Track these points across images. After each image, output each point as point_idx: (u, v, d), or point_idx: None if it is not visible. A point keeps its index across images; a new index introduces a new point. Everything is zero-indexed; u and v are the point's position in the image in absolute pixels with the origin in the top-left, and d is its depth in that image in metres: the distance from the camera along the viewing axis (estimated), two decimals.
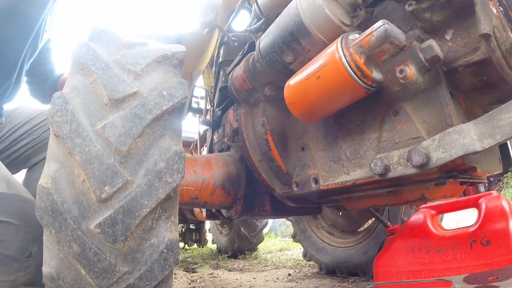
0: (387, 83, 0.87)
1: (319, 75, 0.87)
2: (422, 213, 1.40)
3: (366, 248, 2.11)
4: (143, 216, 0.75)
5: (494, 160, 1.00)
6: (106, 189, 0.74)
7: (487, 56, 0.77)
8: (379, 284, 1.35)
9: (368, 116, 0.98)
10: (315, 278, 2.34)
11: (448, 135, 0.73)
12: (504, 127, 0.66)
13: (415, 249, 1.32)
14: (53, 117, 0.80)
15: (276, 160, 1.29)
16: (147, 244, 0.76)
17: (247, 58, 1.31)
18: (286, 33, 1.00)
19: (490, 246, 1.15)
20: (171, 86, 0.89)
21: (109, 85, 0.83)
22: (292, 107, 1.00)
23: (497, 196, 1.26)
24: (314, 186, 1.12)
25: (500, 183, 5.91)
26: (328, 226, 2.50)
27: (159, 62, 0.94)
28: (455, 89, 0.87)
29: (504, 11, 0.72)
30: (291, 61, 1.05)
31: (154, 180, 0.77)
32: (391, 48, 0.81)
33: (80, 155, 0.76)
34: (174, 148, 0.83)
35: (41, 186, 0.75)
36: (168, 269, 0.77)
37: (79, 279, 0.73)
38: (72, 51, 0.91)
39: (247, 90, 1.32)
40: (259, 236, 4.14)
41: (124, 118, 0.80)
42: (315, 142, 1.16)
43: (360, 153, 0.99)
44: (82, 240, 0.72)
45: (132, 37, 1.00)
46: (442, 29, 0.85)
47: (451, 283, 0.91)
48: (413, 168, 0.78)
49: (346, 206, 1.27)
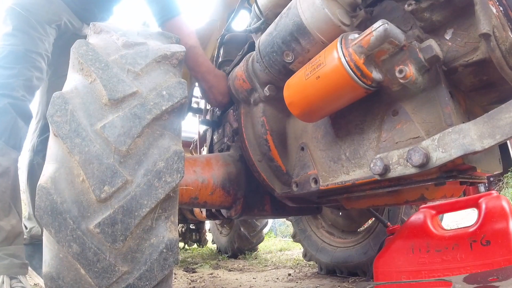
0: (387, 83, 0.87)
1: (319, 75, 0.87)
2: (422, 213, 1.40)
3: (366, 248, 2.10)
4: (143, 216, 0.75)
5: (494, 160, 1.00)
6: (105, 189, 0.74)
7: (486, 56, 0.77)
8: (379, 284, 1.35)
9: (368, 116, 0.98)
10: (315, 278, 2.33)
11: (448, 135, 0.73)
12: (504, 127, 0.66)
13: (415, 249, 1.32)
14: (53, 117, 0.80)
15: (276, 160, 1.29)
16: (146, 244, 0.76)
17: (246, 58, 1.31)
18: (286, 33, 1.00)
19: (490, 246, 1.14)
20: (170, 86, 0.89)
21: (109, 85, 0.83)
22: (291, 107, 1.00)
23: (497, 196, 1.26)
24: (314, 186, 1.12)
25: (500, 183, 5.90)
26: (328, 226, 2.50)
27: (159, 62, 0.94)
28: (454, 89, 0.87)
29: (504, 10, 0.72)
30: (290, 61, 1.05)
31: (153, 180, 0.77)
32: (390, 48, 0.81)
33: (80, 155, 0.76)
34: (173, 148, 0.83)
35: (41, 186, 0.75)
36: (167, 269, 0.77)
37: (79, 279, 0.73)
38: (72, 51, 0.91)
39: (247, 90, 1.32)
40: (259, 236, 4.14)
41: (123, 118, 0.80)
42: (315, 142, 1.16)
43: (360, 153, 0.99)
44: (82, 240, 0.72)
45: (132, 36, 1.00)
46: (441, 29, 0.85)
47: (451, 283, 0.91)
48: (412, 168, 0.78)
49: (346, 206, 1.27)
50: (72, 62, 0.92)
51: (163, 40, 1.07)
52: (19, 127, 1.50)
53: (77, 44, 0.92)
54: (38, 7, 1.54)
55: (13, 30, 1.49)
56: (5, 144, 1.45)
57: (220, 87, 1.49)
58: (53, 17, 1.61)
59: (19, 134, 1.52)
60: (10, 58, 1.47)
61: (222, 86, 1.49)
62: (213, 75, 1.50)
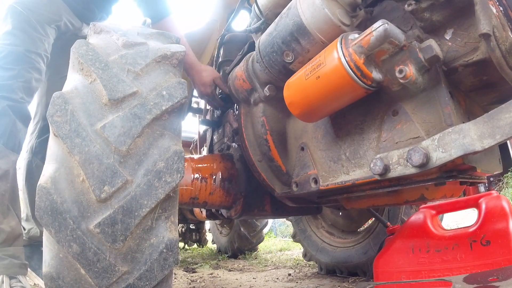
0: (387, 83, 0.87)
1: (319, 75, 0.87)
2: (422, 213, 1.40)
3: (366, 248, 2.10)
4: (143, 216, 0.75)
5: (494, 160, 1.00)
6: (105, 189, 0.74)
7: (486, 56, 0.77)
8: (379, 284, 1.35)
9: (368, 116, 0.98)
10: (315, 278, 2.33)
11: (448, 135, 0.73)
12: (504, 127, 0.66)
13: (415, 249, 1.32)
14: (53, 117, 0.80)
15: (276, 160, 1.29)
16: (146, 244, 0.76)
17: (246, 58, 1.31)
18: (286, 33, 1.00)
19: (490, 246, 1.14)
20: (170, 86, 0.89)
21: (109, 85, 0.83)
22: (291, 107, 1.00)
23: (497, 196, 1.26)
24: (314, 186, 1.12)
25: (500, 183, 5.90)
26: (328, 226, 2.50)
27: (159, 62, 0.94)
28: (454, 89, 0.87)
29: (504, 10, 0.72)
30: (290, 61, 1.05)
31: (153, 180, 0.77)
32: (390, 48, 0.81)
33: (80, 155, 0.76)
34: (173, 148, 0.83)
35: (41, 186, 0.75)
36: (167, 269, 0.77)
37: (79, 279, 0.73)
38: (72, 51, 0.91)
39: (247, 90, 1.32)
40: (259, 236, 4.14)
41: (123, 118, 0.80)
42: (315, 142, 1.16)
43: (360, 153, 0.99)
44: (82, 240, 0.72)
45: (132, 36, 1.00)
46: (441, 29, 0.85)
47: (451, 283, 0.91)
48: (412, 168, 0.78)
49: (346, 206, 1.27)
50: (72, 62, 0.92)
51: (163, 40, 1.07)
52: (18, 129, 1.50)
53: (77, 44, 0.92)
54: (39, 6, 1.54)
55: (13, 29, 1.48)
56: (4, 147, 1.45)
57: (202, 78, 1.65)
58: (53, 16, 1.61)
59: (18, 136, 1.51)
60: (10, 59, 1.46)
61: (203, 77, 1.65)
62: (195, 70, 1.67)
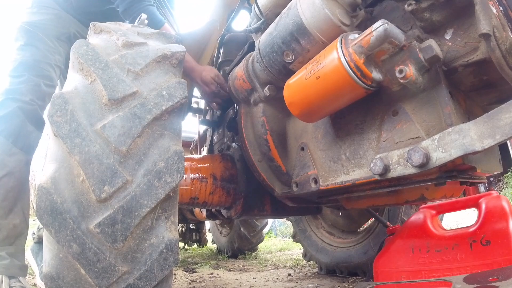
0: (387, 83, 0.87)
1: (319, 75, 0.87)
2: (422, 213, 1.40)
3: (366, 248, 2.10)
4: (143, 216, 0.75)
5: (494, 160, 1.00)
6: (105, 189, 0.74)
7: (486, 56, 0.77)
8: (379, 284, 1.35)
9: (368, 116, 0.98)
10: (315, 278, 2.33)
11: (448, 135, 0.73)
12: (503, 127, 0.66)
13: (415, 249, 1.32)
14: (53, 117, 0.80)
15: (276, 160, 1.29)
16: (146, 244, 0.76)
17: (246, 58, 1.31)
18: (286, 33, 1.00)
19: (490, 246, 1.14)
20: (170, 86, 0.89)
21: (109, 85, 0.83)
22: (291, 107, 1.00)
23: (497, 196, 1.26)
24: (314, 186, 1.12)
25: (500, 183, 5.90)
26: (328, 226, 2.50)
27: (159, 62, 0.94)
28: (454, 89, 0.87)
29: (504, 10, 0.72)
30: (290, 61, 1.05)
31: (153, 180, 0.77)
32: (390, 48, 0.81)
33: (80, 155, 0.76)
34: (173, 148, 0.83)
35: (41, 186, 0.75)
36: (167, 269, 0.77)
37: (79, 279, 0.73)
38: (72, 51, 0.91)
39: (247, 90, 1.32)
40: (259, 236, 4.14)
41: (123, 118, 0.80)
42: (315, 142, 1.16)
43: (360, 153, 0.99)
44: (82, 240, 0.72)
45: (132, 36, 1.00)
46: (441, 29, 0.85)
47: (451, 283, 0.91)
48: (412, 168, 0.78)
49: (346, 206, 1.27)
50: (72, 62, 0.92)
51: (163, 40, 1.07)
52: (28, 130, 1.54)
53: (77, 44, 0.92)
54: (46, 22, 1.71)
55: (23, 45, 1.65)
56: (13, 145, 1.49)
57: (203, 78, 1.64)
58: (62, 30, 1.75)
59: (29, 138, 1.55)
60: (20, 68, 1.59)
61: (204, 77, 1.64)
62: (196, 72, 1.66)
